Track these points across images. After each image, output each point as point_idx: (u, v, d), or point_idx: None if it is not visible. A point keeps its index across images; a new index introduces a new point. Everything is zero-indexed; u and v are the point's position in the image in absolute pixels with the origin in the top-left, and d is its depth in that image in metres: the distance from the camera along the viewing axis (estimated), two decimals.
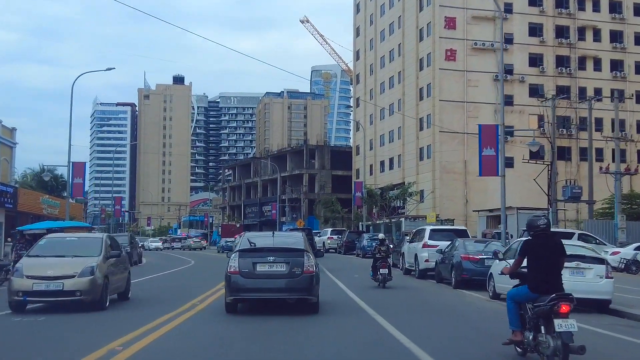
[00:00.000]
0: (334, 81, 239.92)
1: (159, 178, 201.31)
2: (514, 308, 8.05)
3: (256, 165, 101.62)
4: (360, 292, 17.36)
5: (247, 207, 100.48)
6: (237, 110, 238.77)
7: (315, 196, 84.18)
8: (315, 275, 12.36)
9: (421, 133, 65.94)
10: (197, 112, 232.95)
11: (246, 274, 12.03)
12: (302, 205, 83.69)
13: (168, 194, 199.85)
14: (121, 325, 11.03)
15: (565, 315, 7.21)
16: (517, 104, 63.81)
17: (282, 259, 12.12)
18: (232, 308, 12.52)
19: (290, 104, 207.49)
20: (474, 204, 61.33)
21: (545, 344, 7.36)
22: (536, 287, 7.70)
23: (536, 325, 7.63)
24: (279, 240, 13.03)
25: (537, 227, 7.90)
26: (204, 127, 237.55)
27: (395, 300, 16.05)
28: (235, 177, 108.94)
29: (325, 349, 9.10)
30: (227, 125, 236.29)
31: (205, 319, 12.22)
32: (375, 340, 9.78)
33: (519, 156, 63.55)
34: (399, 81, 70.87)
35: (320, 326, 11.15)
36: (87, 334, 10.41)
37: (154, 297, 16.80)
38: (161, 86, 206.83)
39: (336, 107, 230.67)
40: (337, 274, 24.43)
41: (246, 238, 12.91)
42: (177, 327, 10.97)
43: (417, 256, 23.27)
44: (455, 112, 62.31)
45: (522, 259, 8.08)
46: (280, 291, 12.14)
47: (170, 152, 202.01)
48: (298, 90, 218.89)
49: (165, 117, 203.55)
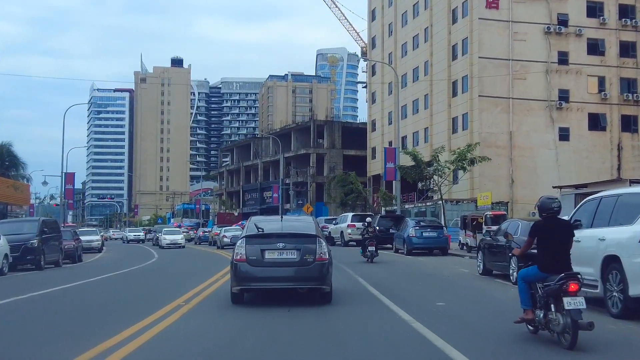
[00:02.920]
0: (340, 65, 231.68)
1: (156, 166, 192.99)
2: (524, 287, 8.13)
3: (256, 146, 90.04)
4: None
5: (247, 193, 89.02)
6: (240, 96, 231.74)
7: (324, 179, 72.65)
8: (329, 262, 11.37)
9: (454, 100, 54.30)
10: (198, 98, 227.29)
11: (254, 261, 11.17)
12: (309, 190, 72.21)
13: (167, 183, 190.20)
14: None
15: (574, 293, 7.32)
16: (574, 63, 52.09)
17: (292, 246, 11.24)
18: (239, 299, 11.56)
19: (295, 87, 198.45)
20: (522, 185, 49.95)
21: (555, 322, 7.48)
22: (546, 267, 7.82)
23: (546, 304, 7.70)
24: (288, 225, 12.22)
25: (551, 209, 7.91)
26: (205, 114, 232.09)
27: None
28: (234, 159, 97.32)
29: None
30: (229, 112, 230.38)
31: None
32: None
33: (577, 126, 52.01)
34: (426, 39, 59.16)
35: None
36: None
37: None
38: (159, 69, 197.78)
39: (342, 92, 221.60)
40: (400, 298, 12.63)
41: (253, 223, 11.82)
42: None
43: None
44: (499, 73, 50.66)
45: (533, 240, 8.09)
46: (290, 280, 11.29)
47: (168, 138, 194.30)
48: (303, 73, 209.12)
49: (163, 102, 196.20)
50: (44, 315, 10.88)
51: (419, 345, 7.72)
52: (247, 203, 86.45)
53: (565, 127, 51.62)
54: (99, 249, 39.28)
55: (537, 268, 7.93)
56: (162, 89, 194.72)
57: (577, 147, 51.65)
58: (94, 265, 26.63)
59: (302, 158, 75.92)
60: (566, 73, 51.80)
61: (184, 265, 24.18)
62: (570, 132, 51.80)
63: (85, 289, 15.69)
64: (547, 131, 50.77)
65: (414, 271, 19.26)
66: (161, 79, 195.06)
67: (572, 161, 51.23)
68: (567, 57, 51.95)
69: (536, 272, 7.93)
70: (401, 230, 27.92)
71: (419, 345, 7.72)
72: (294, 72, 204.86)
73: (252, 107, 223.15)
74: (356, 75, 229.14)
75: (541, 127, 50.75)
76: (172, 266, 24.18)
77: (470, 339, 8.19)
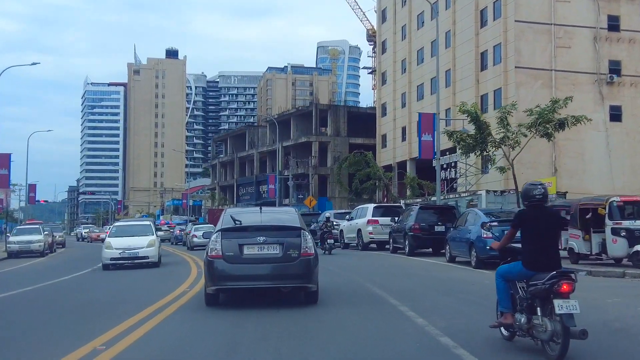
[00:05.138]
0: (341, 58, 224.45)
1: (150, 161, 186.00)
2: (504, 287, 7.13)
3: (252, 136, 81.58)
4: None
5: (242, 187, 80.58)
6: (238, 91, 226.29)
7: (327, 171, 64.35)
8: (315, 258, 10.32)
9: (483, 74, 46.05)
10: (195, 92, 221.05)
11: (231, 258, 10.01)
12: (311, 183, 63.91)
13: (161, 179, 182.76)
14: None
15: (567, 295, 6.36)
16: (626, 29, 43.84)
17: (274, 240, 10.10)
18: (214, 300, 10.46)
19: (295, 79, 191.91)
20: (567, 174, 41.75)
21: (541, 328, 6.52)
22: (532, 263, 6.80)
23: (531, 307, 6.74)
24: (269, 217, 10.96)
25: (534, 197, 6.93)
26: (203, 109, 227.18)
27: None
28: (227, 150, 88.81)
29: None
30: (227, 107, 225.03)
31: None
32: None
33: (630, 104, 43.70)
34: (447, 5, 50.85)
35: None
36: None
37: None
38: (153, 60, 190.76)
39: (344, 86, 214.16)
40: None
41: (229, 215, 10.71)
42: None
43: None
44: (538, 40, 42.48)
45: (515, 231, 7.10)
46: (273, 278, 10.15)
47: (163, 132, 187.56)
48: (303, 65, 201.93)
49: (158, 95, 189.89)
50: None
51: None
52: (242, 198, 78.10)
53: (617, 105, 43.36)
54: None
55: (522, 264, 6.90)
56: (157, 81, 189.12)
57: (631, 128, 43.44)
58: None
59: (303, 147, 67.55)
60: (617, 41, 43.56)
61: (102, 289, 15.20)
62: (623, 110, 43.56)
63: None
64: (595, 110, 42.32)
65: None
66: (155, 71, 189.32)
67: (625, 145, 43.08)
68: (618, 22, 43.75)
69: (520, 269, 6.93)
70: (460, 227, 18.64)
71: None
72: (294, 64, 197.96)
73: (250, 101, 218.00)
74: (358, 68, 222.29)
75: (589, 105, 42.28)
76: (91, 290, 14.80)
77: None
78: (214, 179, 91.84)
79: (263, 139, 78.79)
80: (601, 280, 14.23)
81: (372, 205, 28.70)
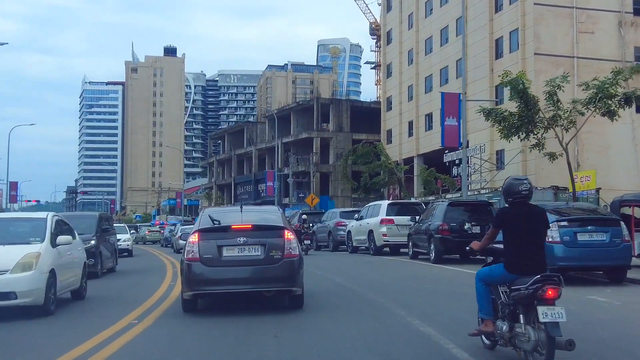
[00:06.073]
0: (342, 56, 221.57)
1: (148, 161, 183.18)
2: (484, 292, 6.56)
3: (250, 132, 78.21)
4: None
5: (239, 186, 77.25)
6: (238, 90, 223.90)
7: (329, 168, 61.02)
8: (299, 259, 9.66)
9: (498, 62, 42.74)
10: (194, 91, 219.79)
11: (209, 260, 9.35)
12: (312, 181, 60.61)
13: (159, 179, 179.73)
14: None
15: (552, 301, 5.76)
16: None
17: (255, 240, 9.45)
18: (192, 306, 9.82)
19: (295, 77, 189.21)
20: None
21: (524, 337, 5.92)
22: (514, 266, 6.23)
23: (513, 314, 6.18)
24: (250, 216, 10.17)
25: (518, 193, 6.30)
26: (202, 108, 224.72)
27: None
28: (225, 148, 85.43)
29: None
30: (226, 106, 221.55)
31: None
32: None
33: None
34: None
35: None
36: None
37: None
38: (151, 58, 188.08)
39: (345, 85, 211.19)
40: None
41: (207, 215, 10.10)
42: None
43: None
44: (559, 25, 39.22)
45: (497, 231, 6.52)
46: (254, 282, 9.50)
47: (161, 131, 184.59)
48: (304, 63, 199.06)
49: (156, 93, 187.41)
50: None
51: None
52: (240, 197, 74.78)
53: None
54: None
55: (504, 267, 6.36)
56: (155, 80, 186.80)
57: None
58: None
59: (304, 143, 64.23)
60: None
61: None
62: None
63: None
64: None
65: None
66: (153, 69, 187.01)
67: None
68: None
69: (502, 272, 6.40)
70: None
71: None
72: (294, 62, 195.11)
73: (250, 100, 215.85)
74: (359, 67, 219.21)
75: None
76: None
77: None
78: (211, 177, 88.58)
79: (262, 135, 75.52)
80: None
81: (386, 202, 24.87)
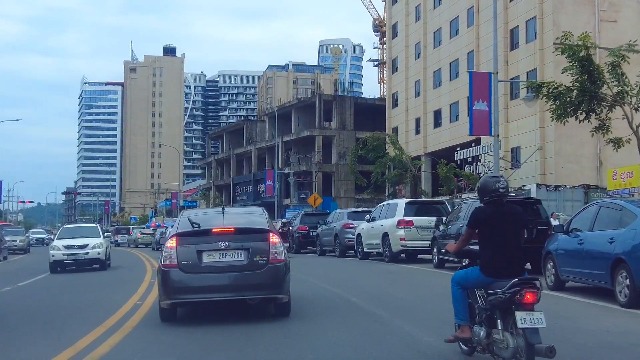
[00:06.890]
0: (344, 57, 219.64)
1: (147, 162, 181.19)
2: (460, 296, 6.20)
3: (250, 131, 75.62)
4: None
5: (238, 187, 74.65)
6: (238, 90, 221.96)
7: (332, 168, 58.40)
8: (285, 264, 9.03)
9: (513, 54, 40.21)
10: (194, 92, 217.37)
11: (188, 266, 8.71)
12: (314, 181, 57.99)
13: (158, 180, 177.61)
14: None
15: (531, 306, 5.46)
16: None
17: (238, 244, 8.84)
18: (170, 315, 9.15)
19: (297, 77, 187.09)
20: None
21: (502, 343, 5.63)
22: (492, 268, 5.89)
23: (490, 319, 5.85)
24: (232, 219, 9.50)
25: (495, 191, 5.95)
26: (202, 109, 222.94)
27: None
28: (223, 147, 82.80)
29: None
30: (227, 107, 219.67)
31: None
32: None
33: None
34: None
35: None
36: None
37: None
38: (150, 58, 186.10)
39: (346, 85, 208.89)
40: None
41: (186, 217, 9.39)
42: None
43: None
44: (580, 13, 36.68)
45: (472, 231, 6.15)
46: (237, 289, 8.91)
47: (160, 132, 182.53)
48: (305, 63, 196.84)
49: (155, 93, 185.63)
50: None
51: None
52: (239, 198, 72.21)
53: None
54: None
55: (480, 270, 6.01)
56: (154, 79, 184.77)
57: None
58: None
59: (305, 142, 61.63)
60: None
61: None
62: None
63: None
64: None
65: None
66: (152, 69, 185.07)
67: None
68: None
69: (478, 275, 6.04)
70: (585, 233, 10.95)
71: None
72: (295, 62, 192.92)
73: (251, 101, 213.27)
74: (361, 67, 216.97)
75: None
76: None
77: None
78: (209, 178, 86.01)
79: (262, 134, 72.98)
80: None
81: (404, 200, 21.34)
